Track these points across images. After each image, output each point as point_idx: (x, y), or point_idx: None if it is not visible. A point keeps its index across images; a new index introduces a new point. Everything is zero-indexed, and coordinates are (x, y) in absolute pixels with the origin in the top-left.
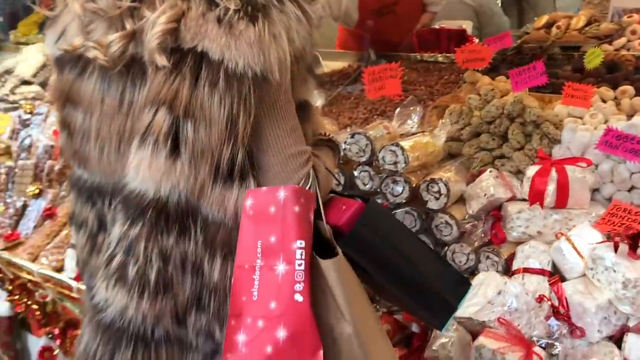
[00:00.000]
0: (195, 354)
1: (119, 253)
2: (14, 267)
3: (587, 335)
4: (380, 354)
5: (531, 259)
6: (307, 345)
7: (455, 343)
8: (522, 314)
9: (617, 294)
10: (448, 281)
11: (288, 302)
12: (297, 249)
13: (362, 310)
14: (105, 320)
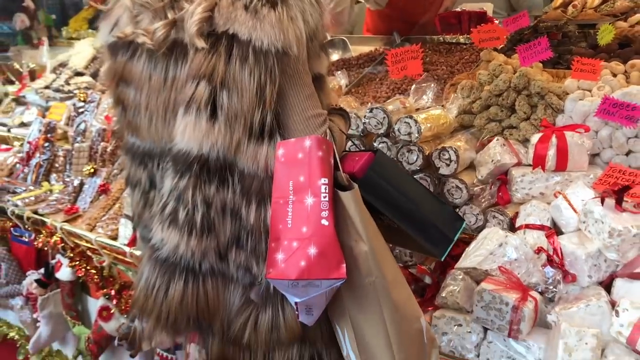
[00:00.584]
0: (236, 285)
1: (171, 201)
2: (74, 237)
3: (579, 280)
4: (390, 269)
5: (532, 216)
6: (333, 259)
7: (462, 290)
8: (521, 263)
9: (604, 243)
10: (445, 217)
11: (316, 226)
12: (322, 184)
13: (375, 235)
14: (162, 257)
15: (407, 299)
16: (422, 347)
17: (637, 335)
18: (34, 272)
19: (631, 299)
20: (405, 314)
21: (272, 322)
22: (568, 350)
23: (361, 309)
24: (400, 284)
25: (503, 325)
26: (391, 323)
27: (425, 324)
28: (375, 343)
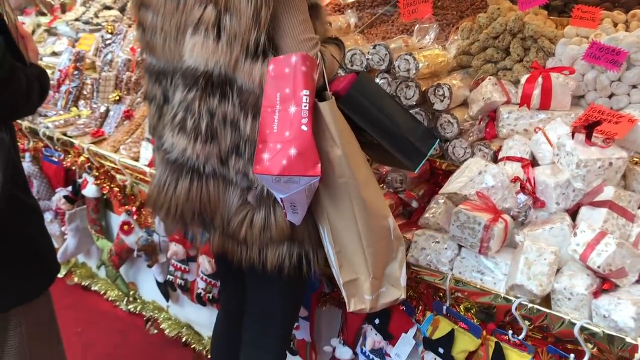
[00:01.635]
0: (235, 187)
1: (180, 111)
2: (99, 158)
3: (547, 207)
4: (361, 171)
5: (513, 149)
6: (310, 160)
7: (442, 213)
8: (497, 190)
9: (572, 173)
10: (420, 134)
11: (297, 130)
12: (304, 95)
13: (349, 142)
14: (172, 158)
15: (376, 199)
16: (389, 242)
17: (589, 252)
18: (63, 189)
19: (589, 223)
20: (374, 211)
21: (265, 221)
22: (528, 264)
23: (336, 207)
24: (371, 186)
25: (475, 243)
26: (360, 218)
27: (392, 223)
28: (347, 236)
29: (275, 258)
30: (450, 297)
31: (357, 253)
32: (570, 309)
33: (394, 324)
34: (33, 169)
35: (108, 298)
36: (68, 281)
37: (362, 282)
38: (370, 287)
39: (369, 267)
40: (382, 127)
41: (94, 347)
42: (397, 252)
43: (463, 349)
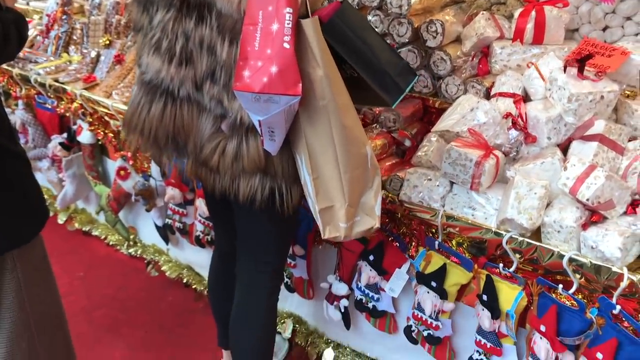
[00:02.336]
0: (209, 114)
1: (157, 32)
2: (92, 103)
3: (539, 141)
4: (341, 95)
5: (506, 85)
6: (291, 78)
7: (434, 150)
8: (489, 126)
9: (564, 108)
10: (400, 70)
11: (279, 48)
12: (287, 13)
13: (330, 64)
14: (147, 79)
15: (355, 125)
16: (366, 171)
17: (579, 185)
18: (58, 136)
19: (580, 157)
20: (352, 137)
21: (237, 150)
22: (518, 198)
23: (315, 131)
24: (350, 111)
25: (466, 179)
26: (339, 144)
27: (370, 151)
28: (324, 162)
29: (247, 189)
30: (442, 233)
31: (333, 180)
32: (559, 242)
33: (388, 260)
34: (27, 116)
35: (109, 242)
36: (69, 227)
37: (338, 209)
38: (345, 215)
39: (345, 194)
40: (363, 59)
41: (97, 290)
42: (373, 181)
43: (455, 282)
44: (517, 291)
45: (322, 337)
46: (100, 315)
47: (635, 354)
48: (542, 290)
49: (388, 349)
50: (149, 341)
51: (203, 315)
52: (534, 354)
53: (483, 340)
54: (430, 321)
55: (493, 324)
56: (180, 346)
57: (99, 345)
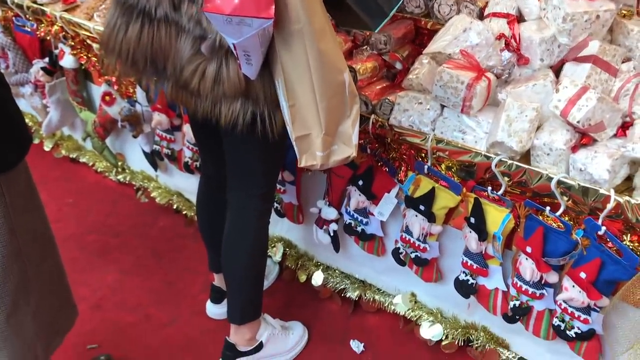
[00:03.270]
0: (188, 35)
1: None
2: (73, 26)
3: (531, 63)
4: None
5: (500, 5)
6: (262, 0)
7: (426, 73)
8: (482, 48)
9: (558, 28)
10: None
11: None
12: None
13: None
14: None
15: (332, 50)
16: (343, 98)
17: (570, 107)
18: (40, 60)
19: (573, 79)
20: (329, 63)
21: (217, 73)
22: (509, 121)
23: (290, 56)
24: (328, 36)
25: (457, 102)
26: (315, 70)
27: (348, 78)
28: (300, 89)
29: (229, 113)
30: (432, 157)
31: (310, 107)
32: (548, 164)
33: (377, 185)
34: (6, 40)
35: (97, 169)
36: (55, 154)
37: (314, 137)
38: (322, 143)
39: (322, 122)
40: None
41: (87, 216)
42: (351, 109)
43: (443, 206)
44: (505, 214)
45: (312, 260)
46: (92, 240)
47: (616, 272)
48: (530, 213)
49: (376, 271)
50: (141, 265)
51: (194, 241)
52: (519, 274)
53: (469, 261)
54: (418, 244)
55: (480, 245)
56: (172, 270)
57: (91, 270)
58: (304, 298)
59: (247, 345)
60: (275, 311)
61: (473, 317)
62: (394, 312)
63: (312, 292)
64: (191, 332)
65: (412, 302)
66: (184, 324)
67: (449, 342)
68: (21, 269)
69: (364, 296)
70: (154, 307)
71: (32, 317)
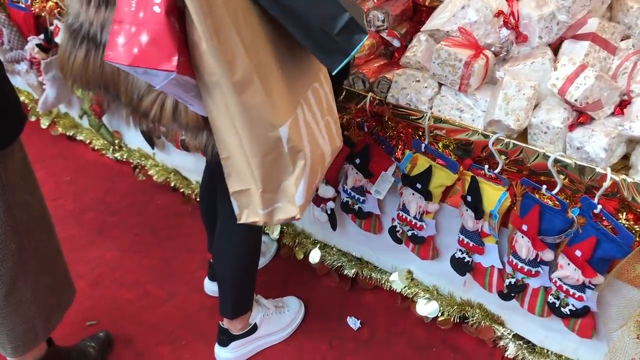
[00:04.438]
0: None
1: None
2: None
3: (530, 41)
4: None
5: None
6: (164, 50)
7: (424, 51)
8: (480, 25)
9: (557, 5)
10: (344, 26)
11: (150, 12)
12: None
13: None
14: (68, 22)
15: (262, 104)
16: (281, 155)
17: (568, 86)
18: (35, 37)
19: (571, 57)
20: (257, 119)
21: (175, 107)
22: (507, 99)
23: (215, 106)
24: (254, 87)
25: (455, 80)
26: (240, 125)
27: (287, 133)
28: (230, 142)
29: (196, 143)
30: (429, 135)
31: (243, 162)
32: (545, 143)
33: (374, 163)
34: (0, 16)
35: (94, 147)
36: (52, 132)
37: (253, 194)
38: (261, 201)
39: (257, 179)
40: (289, 10)
41: (85, 193)
42: (294, 166)
43: (440, 184)
44: (501, 192)
45: (309, 237)
46: (90, 218)
47: (611, 250)
48: (526, 191)
49: (373, 248)
50: (139, 243)
51: (192, 219)
52: (515, 252)
53: (466, 239)
54: (415, 221)
55: (476, 224)
56: (170, 248)
57: (89, 247)
58: (301, 275)
59: (241, 330)
60: (272, 288)
61: (469, 295)
62: (391, 289)
63: (309, 269)
64: (189, 309)
65: (408, 279)
66: (182, 301)
67: (445, 319)
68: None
69: (361, 273)
70: (152, 284)
71: (30, 294)
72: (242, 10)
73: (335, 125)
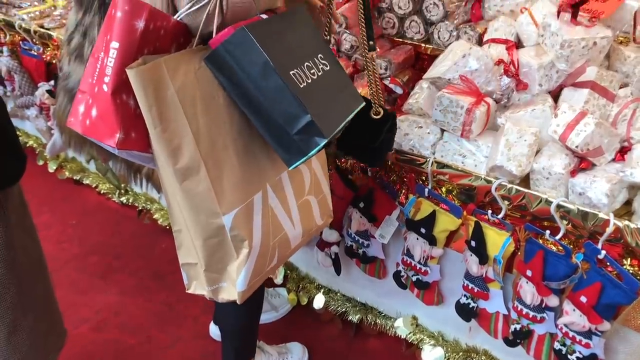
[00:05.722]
0: None
1: (77, 36)
2: None
3: (530, 88)
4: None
5: (499, 31)
6: (108, 126)
7: (426, 98)
8: (481, 73)
9: (556, 54)
10: (303, 127)
11: (100, 89)
12: (112, 48)
13: (170, 120)
14: (68, 87)
15: (203, 192)
16: (224, 241)
17: (568, 132)
18: (45, 83)
19: (571, 104)
20: (199, 206)
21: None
22: (508, 145)
23: (164, 182)
24: (198, 176)
25: (457, 127)
26: (184, 209)
27: (230, 222)
28: (178, 220)
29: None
30: (432, 180)
31: (188, 239)
32: (548, 188)
33: (378, 207)
34: (13, 63)
35: (100, 191)
36: (59, 175)
37: (199, 270)
38: (205, 278)
39: (200, 259)
40: (254, 105)
41: (90, 237)
42: (237, 253)
43: (444, 229)
44: (505, 237)
45: (313, 282)
46: (94, 262)
47: (617, 296)
48: (530, 236)
49: (377, 293)
50: (143, 287)
51: None
52: (519, 297)
53: (470, 284)
54: (419, 266)
55: (480, 269)
56: (174, 292)
57: (93, 291)
58: (305, 321)
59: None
60: (275, 334)
61: (474, 341)
62: (396, 335)
63: (313, 315)
64: (192, 355)
65: (413, 325)
66: (186, 347)
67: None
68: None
69: (366, 319)
70: (155, 328)
71: (27, 337)
72: (204, 97)
73: (319, 205)
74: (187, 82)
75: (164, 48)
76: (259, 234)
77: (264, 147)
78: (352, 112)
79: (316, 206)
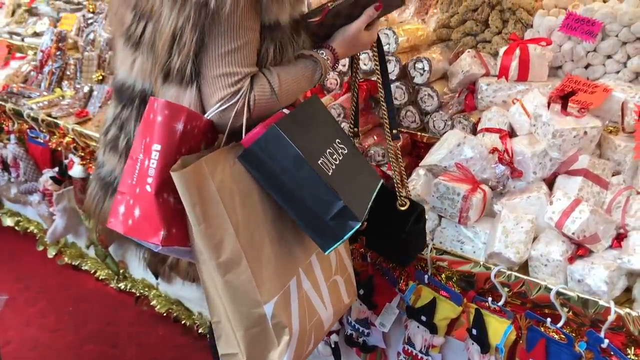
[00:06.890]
0: None
1: (113, 128)
2: (84, 138)
3: (525, 176)
4: (227, 251)
5: (492, 121)
6: (152, 225)
7: (423, 184)
8: (476, 161)
9: (548, 143)
10: (337, 213)
11: (143, 190)
12: (154, 150)
13: (207, 216)
14: (102, 175)
15: (245, 283)
16: (265, 330)
17: (564, 219)
18: (49, 170)
19: (565, 191)
20: (240, 297)
21: (188, 263)
22: (505, 232)
23: (204, 275)
24: (240, 269)
25: (454, 213)
26: (225, 301)
27: (271, 310)
28: (218, 311)
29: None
30: (431, 267)
31: (229, 329)
32: (546, 275)
33: (378, 294)
34: (19, 150)
35: (98, 277)
36: (58, 261)
37: (241, 359)
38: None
39: (242, 350)
40: (289, 195)
41: (86, 325)
42: (279, 341)
43: (445, 317)
44: (506, 325)
45: None
46: (90, 350)
47: None
48: (531, 324)
49: None
50: None
51: (193, 350)
52: None
53: None
54: (421, 356)
55: (482, 358)
56: None
57: None
58: None
59: None
60: None
61: None
62: None
63: None
64: None
65: None
66: None
67: None
68: None
69: None
70: None
71: None
72: (241, 192)
73: (345, 284)
74: (225, 179)
75: (196, 145)
76: (297, 319)
77: (294, 233)
78: (374, 191)
79: (343, 285)
